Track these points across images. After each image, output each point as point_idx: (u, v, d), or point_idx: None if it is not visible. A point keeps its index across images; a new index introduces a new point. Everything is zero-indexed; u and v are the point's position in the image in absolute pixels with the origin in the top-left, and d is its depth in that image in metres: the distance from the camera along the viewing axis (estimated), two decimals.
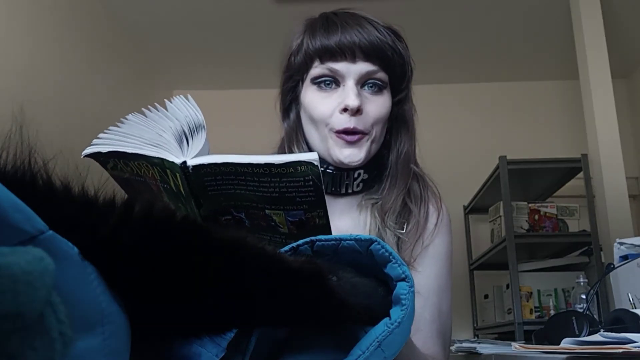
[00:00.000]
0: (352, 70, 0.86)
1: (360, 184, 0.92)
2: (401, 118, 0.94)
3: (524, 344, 1.17)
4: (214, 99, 4.01)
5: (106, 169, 0.61)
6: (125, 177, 0.61)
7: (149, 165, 0.57)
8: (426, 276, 0.87)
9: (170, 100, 0.65)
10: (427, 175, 0.96)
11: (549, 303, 2.98)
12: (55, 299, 0.27)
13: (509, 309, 3.06)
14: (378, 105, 0.88)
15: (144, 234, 0.36)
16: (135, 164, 0.58)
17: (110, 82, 3.36)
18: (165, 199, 0.60)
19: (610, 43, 3.00)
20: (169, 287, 0.37)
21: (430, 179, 0.96)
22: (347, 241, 0.50)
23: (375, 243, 0.49)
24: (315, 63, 0.89)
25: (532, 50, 3.78)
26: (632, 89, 4.04)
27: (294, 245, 0.51)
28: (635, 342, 0.75)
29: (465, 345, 1.66)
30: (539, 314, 2.96)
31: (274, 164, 0.54)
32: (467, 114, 4.13)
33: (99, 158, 0.60)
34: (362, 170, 0.91)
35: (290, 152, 0.94)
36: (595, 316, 1.55)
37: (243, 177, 0.55)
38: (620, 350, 0.72)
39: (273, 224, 0.60)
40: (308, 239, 0.51)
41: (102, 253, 0.34)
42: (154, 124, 0.61)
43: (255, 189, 0.56)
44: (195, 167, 0.54)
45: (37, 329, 0.26)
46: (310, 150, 0.92)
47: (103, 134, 0.61)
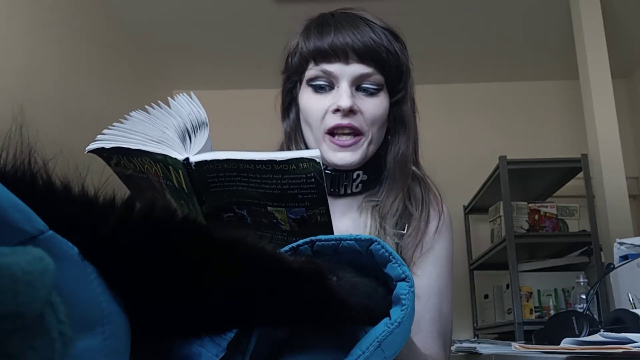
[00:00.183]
0: (346, 71, 0.86)
1: (360, 185, 0.92)
2: (399, 119, 0.93)
3: (524, 344, 1.17)
4: (213, 98, 4.00)
5: (109, 165, 0.61)
6: (128, 174, 0.61)
7: (152, 162, 0.57)
8: (427, 277, 0.87)
9: (173, 98, 0.65)
10: (429, 178, 0.96)
11: (549, 303, 2.98)
12: (55, 299, 0.27)
13: (509, 309, 3.06)
14: (374, 106, 0.88)
15: (144, 234, 0.36)
16: (139, 160, 0.58)
17: (110, 82, 3.36)
18: (168, 195, 0.60)
19: (610, 43, 3.00)
20: (169, 287, 0.37)
21: (432, 182, 0.96)
22: (347, 241, 0.50)
23: (375, 243, 0.49)
24: (310, 65, 0.89)
25: (532, 50, 3.78)
26: (632, 89, 4.04)
27: (294, 245, 0.51)
28: (635, 342, 0.75)
29: (465, 345, 1.67)
30: (539, 314, 2.96)
31: (276, 160, 0.54)
32: (467, 114, 4.13)
33: (103, 154, 0.61)
34: (361, 171, 0.91)
35: None
36: (595, 316, 1.55)
37: (245, 174, 0.55)
38: (620, 350, 0.72)
39: (275, 221, 0.60)
40: (308, 239, 0.51)
41: (102, 253, 0.34)
42: (157, 120, 0.61)
43: (257, 185, 0.56)
44: (198, 164, 0.54)
45: (37, 329, 0.26)
46: None
47: (107, 129, 0.61)
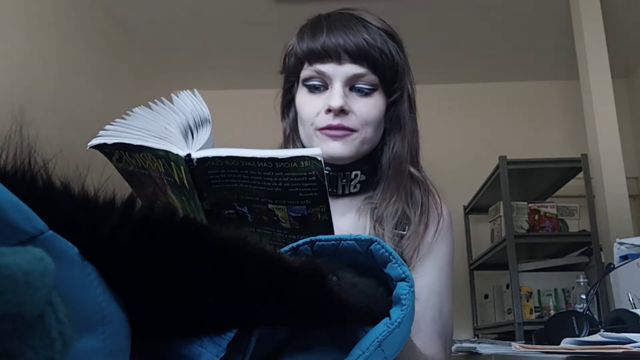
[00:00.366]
0: (339, 72, 0.86)
1: (358, 185, 0.92)
2: (395, 119, 0.93)
3: (524, 344, 1.17)
4: (213, 98, 3.98)
5: (111, 161, 0.61)
6: (130, 170, 0.61)
7: (153, 158, 0.57)
8: (427, 278, 0.87)
9: (176, 95, 0.65)
10: (429, 180, 0.95)
11: (549, 303, 2.98)
12: (55, 299, 0.27)
13: (509, 309, 3.06)
14: (366, 107, 0.87)
15: (144, 234, 0.36)
16: (140, 156, 0.58)
17: (110, 82, 3.36)
18: (169, 192, 0.60)
19: (610, 43, 3.00)
20: (169, 287, 0.37)
21: (432, 184, 0.95)
22: (347, 241, 0.50)
23: (375, 243, 0.49)
24: (305, 65, 0.90)
25: (532, 50, 3.78)
26: (632, 89, 4.04)
27: (294, 245, 0.51)
28: (635, 342, 0.75)
29: (465, 345, 1.66)
30: (539, 314, 2.96)
31: (277, 158, 0.54)
32: (467, 114, 4.13)
33: (105, 150, 0.61)
34: (359, 171, 0.91)
35: None
36: (595, 316, 1.55)
37: (247, 171, 0.55)
38: (620, 350, 0.72)
39: (275, 218, 0.60)
40: (308, 239, 0.51)
41: (102, 253, 0.34)
42: (160, 117, 0.61)
43: (258, 183, 0.56)
44: (200, 160, 0.54)
45: (37, 329, 0.26)
46: None
47: (109, 125, 0.61)
